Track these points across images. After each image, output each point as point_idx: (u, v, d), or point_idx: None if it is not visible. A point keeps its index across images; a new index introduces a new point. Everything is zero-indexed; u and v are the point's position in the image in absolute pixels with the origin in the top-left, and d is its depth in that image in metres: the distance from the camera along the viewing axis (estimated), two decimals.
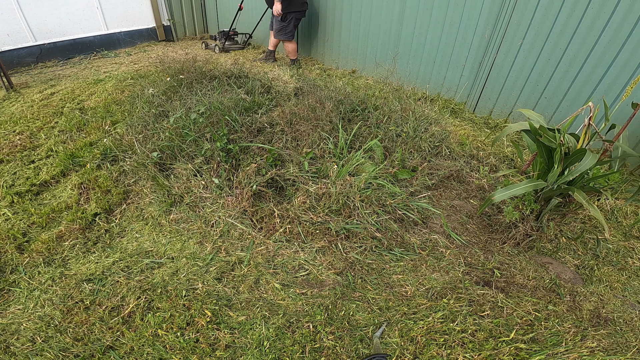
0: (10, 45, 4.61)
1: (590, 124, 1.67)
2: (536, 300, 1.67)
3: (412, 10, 3.57)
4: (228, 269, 1.85)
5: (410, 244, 1.99)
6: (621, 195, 2.34)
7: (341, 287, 1.75)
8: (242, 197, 2.15)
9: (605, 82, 2.63)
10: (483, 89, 3.38)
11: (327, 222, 1.98)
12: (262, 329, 1.54)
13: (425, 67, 3.77)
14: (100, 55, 5.44)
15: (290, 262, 1.89)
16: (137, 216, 2.22)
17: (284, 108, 2.84)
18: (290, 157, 2.37)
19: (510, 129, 1.96)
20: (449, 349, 1.45)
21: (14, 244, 1.97)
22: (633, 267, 1.94)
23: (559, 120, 2.98)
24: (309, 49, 5.10)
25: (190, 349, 1.47)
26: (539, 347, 1.44)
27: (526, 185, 1.74)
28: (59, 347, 1.47)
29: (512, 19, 2.92)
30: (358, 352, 1.46)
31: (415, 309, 1.64)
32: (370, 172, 2.19)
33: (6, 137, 2.96)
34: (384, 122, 2.73)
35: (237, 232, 2.05)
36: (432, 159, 2.57)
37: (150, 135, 2.52)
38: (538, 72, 2.96)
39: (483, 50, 3.23)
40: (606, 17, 2.46)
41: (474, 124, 3.33)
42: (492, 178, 2.49)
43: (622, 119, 2.52)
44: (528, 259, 1.93)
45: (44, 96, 3.76)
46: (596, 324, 1.58)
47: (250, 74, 3.73)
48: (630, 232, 2.17)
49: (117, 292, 1.71)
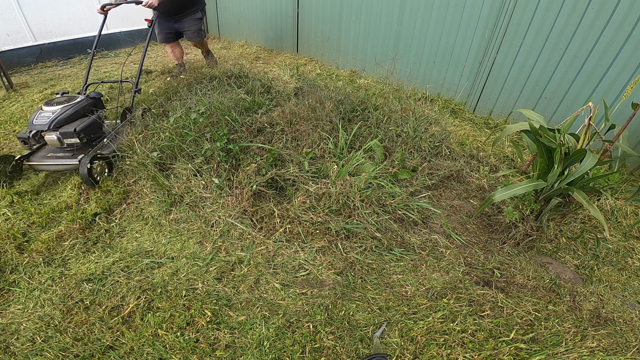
0: (10, 45, 4.61)
1: (590, 124, 1.67)
2: (536, 300, 1.67)
3: (412, 10, 3.58)
4: (228, 269, 1.85)
5: (410, 244, 1.99)
6: (621, 196, 2.34)
7: (341, 287, 1.75)
8: (242, 197, 2.15)
9: (605, 82, 2.63)
10: (483, 89, 3.38)
11: (327, 222, 1.98)
12: (262, 329, 1.54)
13: (425, 67, 3.77)
14: (101, 55, 5.45)
15: (290, 262, 1.89)
16: (137, 216, 2.22)
17: (284, 108, 2.84)
18: (290, 157, 2.37)
19: (510, 129, 1.97)
20: (449, 349, 1.45)
21: (14, 244, 1.97)
22: (633, 267, 1.94)
23: (559, 121, 2.98)
24: (309, 49, 5.10)
25: (190, 349, 1.47)
26: (539, 347, 1.44)
27: (526, 185, 1.74)
28: (59, 347, 1.47)
29: (512, 19, 2.92)
30: (358, 352, 1.46)
31: (415, 309, 1.64)
32: (370, 172, 2.19)
33: (6, 137, 2.96)
34: (384, 122, 2.73)
35: (237, 232, 2.05)
36: (432, 159, 2.57)
37: (150, 135, 2.52)
38: (538, 72, 2.96)
39: (483, 50, 3.23)
40: (606, 17, 2.46)
41: (474, 124, 3.33)
42: (492, 178, 2.49)
43: (622, 119, 2.52)
44: (528, 259, 1.93)
45: (44, 96, 3.76)
46: (596, 324, 1.58)
47: (251, 74, 3.73)
48: (630, 232, 2.17)
49: (117, 292, 1.71)
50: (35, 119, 2.38)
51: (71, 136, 2.37)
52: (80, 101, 2.58)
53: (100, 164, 2.46)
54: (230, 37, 6.54)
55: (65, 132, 2.35)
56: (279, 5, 5.05)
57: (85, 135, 2.45)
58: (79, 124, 2.43)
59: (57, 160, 2.42)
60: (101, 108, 2.79)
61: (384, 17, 3.87)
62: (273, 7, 5.20)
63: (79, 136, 2.38)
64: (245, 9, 5.75)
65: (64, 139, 2.38)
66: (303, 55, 5.23)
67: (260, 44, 5.91)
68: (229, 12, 6.19)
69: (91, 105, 2.67)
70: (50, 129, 2.33)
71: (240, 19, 6.01)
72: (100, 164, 2.46)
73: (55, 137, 2.34)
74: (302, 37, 5.07)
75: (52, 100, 2.54)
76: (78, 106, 2.53)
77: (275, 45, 5.61)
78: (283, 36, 5.36)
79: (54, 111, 2.42)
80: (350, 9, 4.16)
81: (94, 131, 2.57)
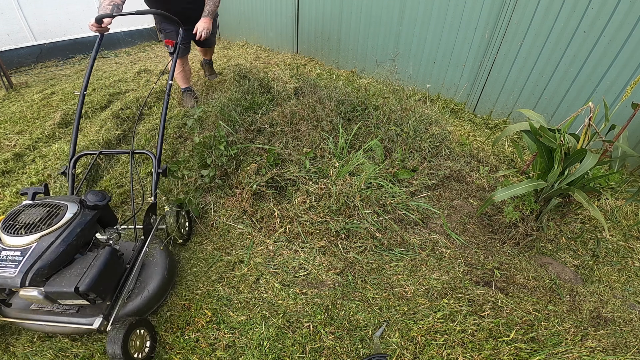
0: (10, 45, 4.61)
1: (590, 124, 1.67)
2: (536, 300, 1.67)
3: (412, 10, 3.57)
4: (228, 269, 1.85)
5: (410, 244, 1.99)
6: (621, 196, 2.34)
7: (341, 287, 1.75)
8: (242, 197, 2.15)
9: (605, 82, 2.63)
10: (483, 89, 3.38)
11: (327, 222, 1.98)
12: (262, 328, 1.54)
13: (426, 67, 3.77)
14: (100, 55, 5.44)
15: (290, 262, 1.89)
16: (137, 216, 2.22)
17: (284, 108, 2.84)
18: (290, 157, 2.37)
19: (510, 129, 1.97)
20: (449, 349, 1.45)
21: None
22: (633, 267, 1.94)
23: (559, 121, 2.98)
24: (309, 49, 5.10)
25: (190, 349, 1.47)
26: (539, 347, 1.44)
27: (526, 186, 1.74)
28: (59, 347, 1.47)
29: (513, 19, 2.92)
30: (358, 352, 1.46)
31: (415, 309, 1.64)
32: (370, 172, 2.19)
33: (6, 136, 2.96)
34: (384, 122, 2.73)
35: (237, 231, 2.05)
36: (432, 159, 2.57)
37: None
38: (538, 72, 2.96)
39: (483, 51, 3.23)
40: (606, 17, 2.46)
41: (474, 124, 3.33)
42: (492, 178, 2.49)
43: (622, 119, 2.52)
44: (528, 259, 1.93)
45: (44, 96, 3.76)
46: (596, 324, 1.58)
47: (251, 74, 3.73)
48: (630, 232, 2.17)
49: None
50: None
51: (71, 297, 1.27)
52: (74, 218, 1.38)
53: (139, 334, 1.39)
54: (230, 37, 6.54)
55: (58, 293, 1.25)
56: (279, 5, 5.04)
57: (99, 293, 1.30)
58: (81, 273, 1.28)
59: (54, 318, 1.41)
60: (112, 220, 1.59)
61: (384, 17, 3.87)
62: (273, 7, 5.20)
63: (87, 297, 1.28)
64: (245, 9, 5.75)
65: (59, 299, 1.30)
66: (303, 55, 5.23)
67: (260, 44, 5.90)
68: (229, 12, 6.18)
69: (93, 221, 1.46)
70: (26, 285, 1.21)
71: (240, 19, 6.00)
72: (139, 335, 1.39)
73: (40, 296, 1.26)
74: (302, 37, 5.07)
75: (17, 220, 1.32)
76: (72, 232, 1.34)
77: (275, 45, 5.61)
78: (283, 36, 5.36)
79: (26, 249, 1.25)
80: (350, 9, 4.16)
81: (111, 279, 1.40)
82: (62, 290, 1.24)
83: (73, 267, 1.31)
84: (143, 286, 1.56)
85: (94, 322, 1.34)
